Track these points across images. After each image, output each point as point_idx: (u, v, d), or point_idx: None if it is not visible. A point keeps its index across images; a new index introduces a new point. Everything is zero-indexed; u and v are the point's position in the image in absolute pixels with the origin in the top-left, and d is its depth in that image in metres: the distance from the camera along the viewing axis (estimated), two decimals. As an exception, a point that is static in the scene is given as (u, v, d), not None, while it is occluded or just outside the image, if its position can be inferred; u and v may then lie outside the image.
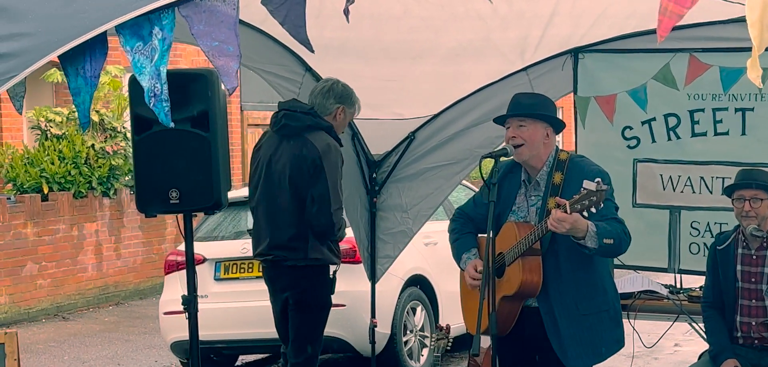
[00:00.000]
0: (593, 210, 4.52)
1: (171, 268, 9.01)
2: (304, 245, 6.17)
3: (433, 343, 6.45)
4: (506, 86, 6.72)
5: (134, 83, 4.98)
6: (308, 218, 6.09)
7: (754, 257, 5.57)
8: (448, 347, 6.50)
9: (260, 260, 6.43)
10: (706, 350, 5.80)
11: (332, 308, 6.88)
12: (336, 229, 6.11)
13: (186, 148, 4.87)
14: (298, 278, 6.25)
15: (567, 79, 6.76)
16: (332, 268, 6.34)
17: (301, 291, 6.26)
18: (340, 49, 6.11)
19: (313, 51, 3.35)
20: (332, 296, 6.37)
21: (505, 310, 4.86)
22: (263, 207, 6.34)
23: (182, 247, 9.12)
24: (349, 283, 8.20)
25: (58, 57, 3.26)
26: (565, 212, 4.53)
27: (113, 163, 14.08)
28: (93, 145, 13.87)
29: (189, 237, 5.05)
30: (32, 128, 14.35)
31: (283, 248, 6.24)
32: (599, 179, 4.53)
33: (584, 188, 4.52)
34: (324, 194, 6.05)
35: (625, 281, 6.52)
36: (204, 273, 8.48)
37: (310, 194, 6.08)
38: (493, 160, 4.86)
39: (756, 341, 5.57)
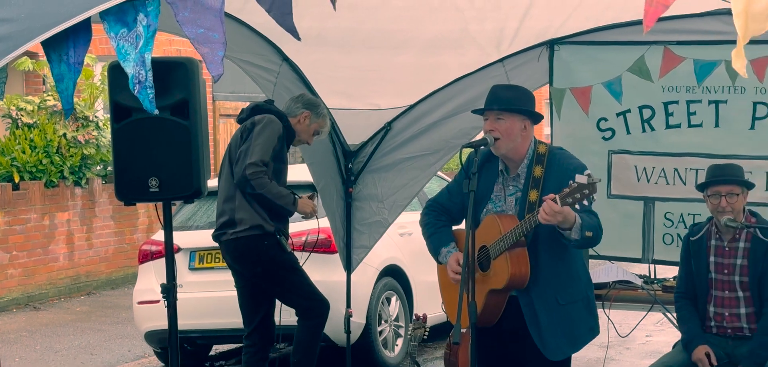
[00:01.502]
0: (585, 203, 4.51)
1: (145, 257, 8.96)
2: (232, 204, 6.51)
3: (410, 332, 6.48)
4: (483, 78, 6.75)
5: (114, 71, 4.94)
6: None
7: (727, 248, 5.61)
8: (425, 336, 6.53)
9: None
10: (679, 340, 5.84)
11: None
12: (251, 181, 6.31)
13: (166, 136, 4.83)
14: (240, 254, 6.57)
15: (543, 70, 6.77)
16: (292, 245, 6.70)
17: (246, 264, 6.59)
18: (318, 39, 6.08)
19: (299, 38, 3.33)
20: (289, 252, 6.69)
21: (492, 303, 4.85)
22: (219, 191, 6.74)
23: (156, 236, 9.15)
24: (325, 273, 8.18)
25: (41, 43, 3.23)
26: (556, 204, 4.51)
27: (85, 152, 13.97)
28: (65, 135, 13.75)
29: (168, 226, 5.01)
30: (3, 117, 14.20)
31: (220, 216, 6.63)
32: (590, 172, 4.53)
33: (575, 182, 4.50)
34: (245, 149, 6.36)
35: (600, 272, 6.56)
36: (179, 262, 8.41)
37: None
38: (473, 149, 4.85)
39: (729, 331, 5.62)
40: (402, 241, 9.08)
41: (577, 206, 4.52)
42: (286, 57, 6.56)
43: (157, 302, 8.18)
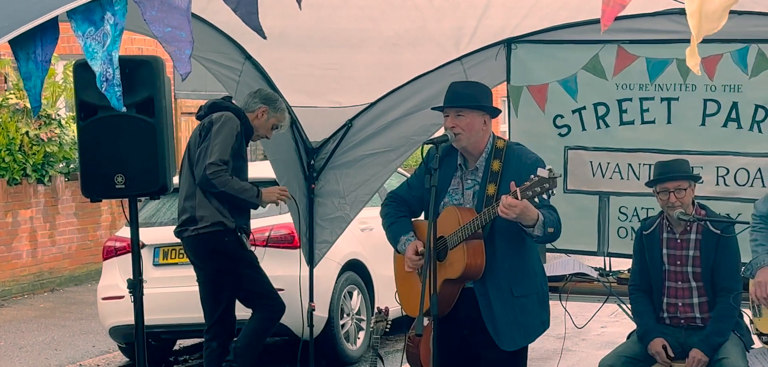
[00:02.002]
0: (545, 197, 4.54)
1: (109, 254, 8.92)
2: (193, 202, 6.47)
3: (372, 325, 6.50)
4: (441, 75, 6.76)
5: (80, 69, 4.91)
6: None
7: (679, 240, 5.67)
8: (387, 329, 6.56)
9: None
10: (634, 330, 5.91)
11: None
12: (212, 180, 6.27)
13: (131, 133, 4.81)
14: (201, 250, 6.55)
15: (500, 68, 6.81)
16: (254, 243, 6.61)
17: (207, 260, 6.55)
18: (280, 38, 6.09)
19: (265, 37, 3.34)
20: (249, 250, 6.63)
21: (447, 293, 4.88)
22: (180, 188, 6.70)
23: (120, 233, 9.10)
24: (288, 267, 8.18)
25: (9, 42, 3.21)
26: (516, 197, 4.55)
27: (48, 150, 13.84)
28: (27, 133, 13.62)
29: (134, 222, 4.99)
30: (-35, 115, 14.03)
31: (181, 214, 6.58)
32: (551, 167, 4.56)
33: (536, 176, 4.53)
34: (205, 148, 6.33)
35: (557, 264, 6.60)
36: (143, 258, 8.30)
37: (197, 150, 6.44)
38: (434, 146, 4.86)
39: (682, 321, 5.68)
40: (363, 236, 9.10)
41: (536, 199, 4.55)
42: (248, 56, 6.56)
43: (122, 297, 8.16)
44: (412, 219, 5.21)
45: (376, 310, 6.74)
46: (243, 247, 6.62)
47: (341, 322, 8.87)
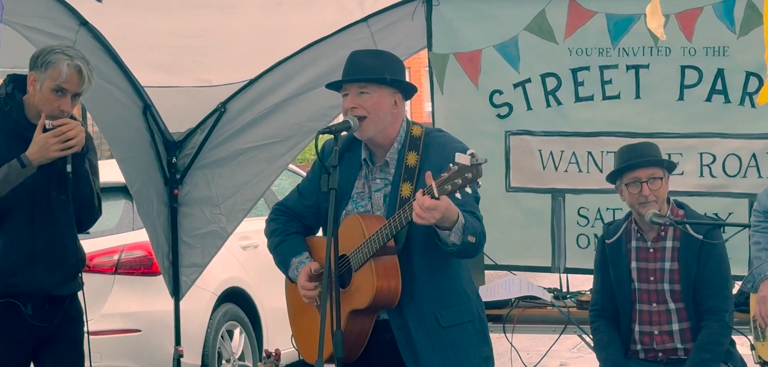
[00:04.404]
0: (468, 190, 4.50)
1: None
2: None
3: (260, 372, 6.48)
4: (342, 43, 6.77)
5: None
6: None
7: (651, 250, 5.75)
8: (278, 378, 6.54)
9: None
10: (598, 369, 5.96)
11: (124, 335, 6.69)
12: None
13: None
14: None
15: (419, 32, 6.84)
16: None
17: None
18: (126, -1, 6.07)
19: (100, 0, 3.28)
20: None
21: (356, 328, 4.86)
22: None
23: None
24: (144, 301, 8.18)
25: None
26: (434, 197, 4.50)
27: None
28: None
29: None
30: None
31: None
32: (473, 151, 4.51)
33: (455, 163, 4.49)
34: None
35: (500, 286, 6.62)
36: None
37: None
38: (332, 137, 4.82)
39: (660, 354, 5.76)
40: (246, 256, 9.11)
41: (458, 195, 4.51)
42: (84, 21, 6.52)
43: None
44: (307, 237, 5.18)
45: (264, 353, 6.74)
46: None
47: (219, 370, 8.84)
